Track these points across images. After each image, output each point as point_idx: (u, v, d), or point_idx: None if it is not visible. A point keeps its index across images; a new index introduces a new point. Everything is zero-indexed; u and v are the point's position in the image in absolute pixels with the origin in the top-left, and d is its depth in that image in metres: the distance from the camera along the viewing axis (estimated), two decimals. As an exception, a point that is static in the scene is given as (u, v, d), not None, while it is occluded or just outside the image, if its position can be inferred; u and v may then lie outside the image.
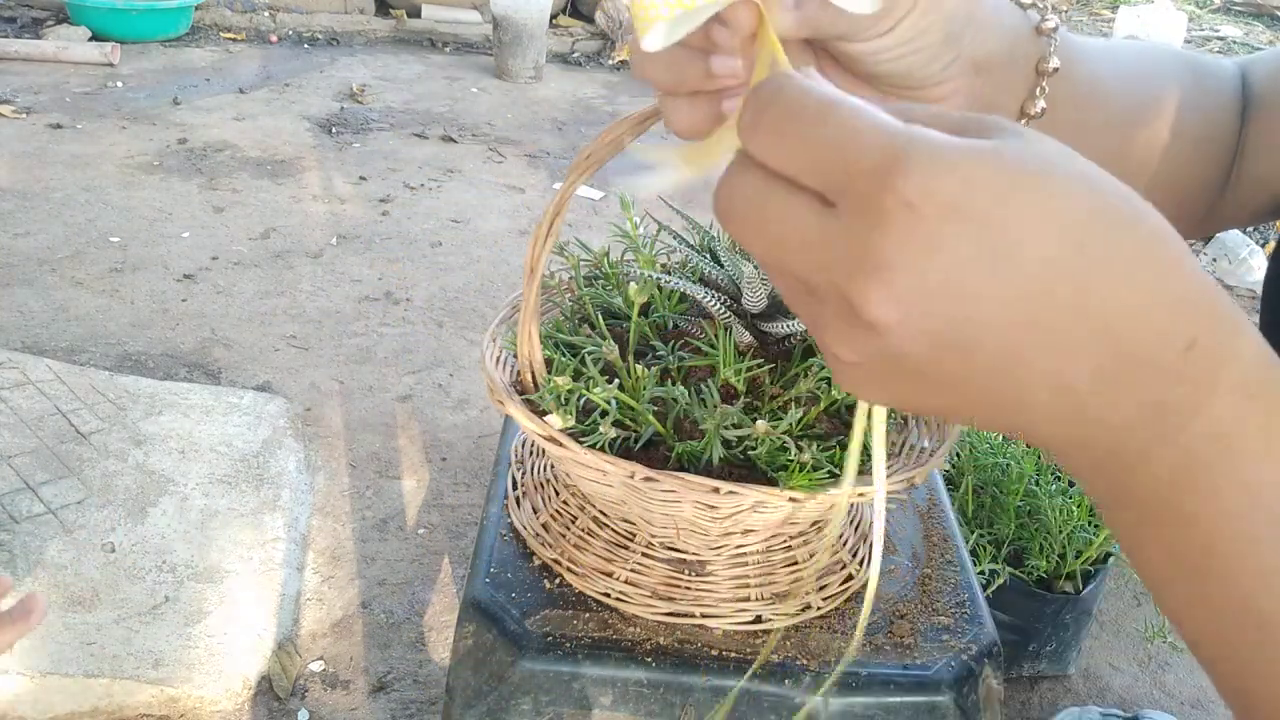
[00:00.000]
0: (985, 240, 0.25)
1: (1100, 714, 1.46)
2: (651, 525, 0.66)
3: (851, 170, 0.26)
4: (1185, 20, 5.31)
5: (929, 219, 0.25)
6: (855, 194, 0.26)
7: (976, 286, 0.26)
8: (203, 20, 4.52)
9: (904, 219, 0.25)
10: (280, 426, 1.90)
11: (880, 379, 0.28)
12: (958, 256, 0.25)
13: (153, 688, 1.35)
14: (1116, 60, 0.48)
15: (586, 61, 4.78)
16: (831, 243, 0.27)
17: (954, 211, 0.25)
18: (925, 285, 0.26)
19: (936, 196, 0.25)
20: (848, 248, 0.26)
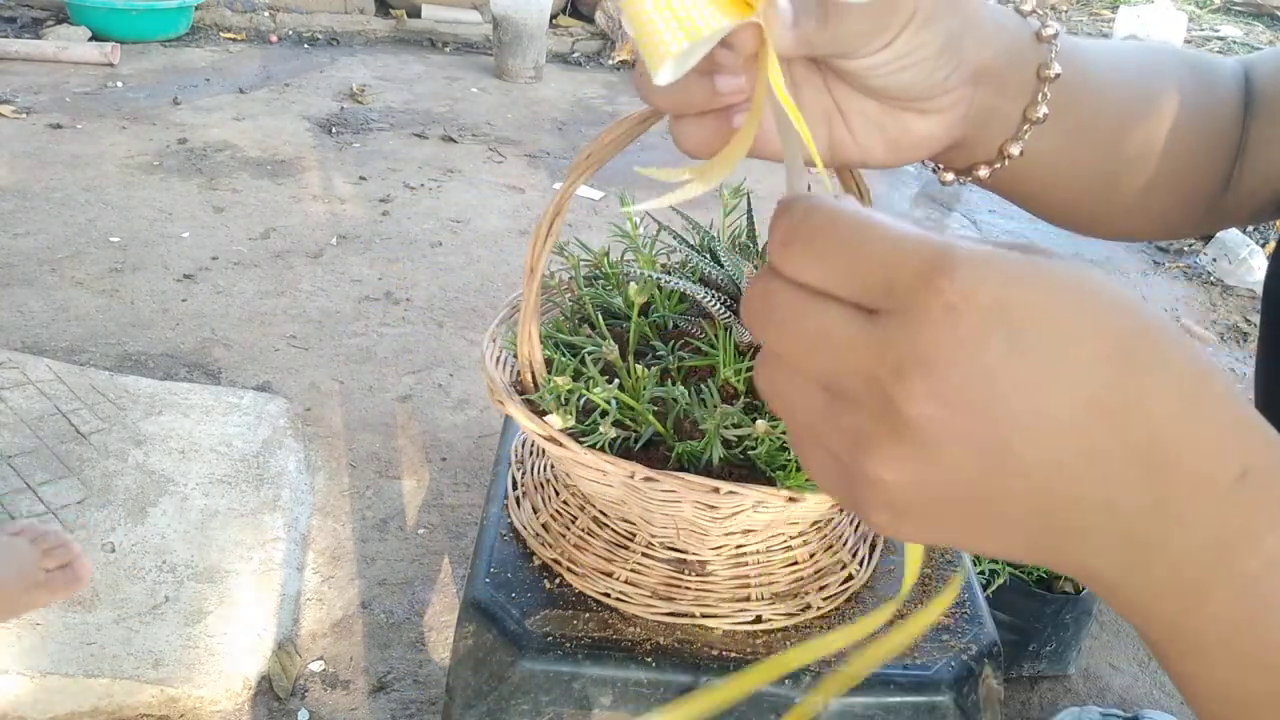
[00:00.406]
0: (1030, 346, 0.25)
1: (1100, 714, 1.46)
2: (651, 525, 0.66)
3: (893, 277, 0.26)
4: (1185, 20, 5.31)
5: (974, 321, 0.25)
6: (898, 297, 0.26)
7: (1023, 390, 0.25)
8: (203, 20, 4.52)
9: (949, 319, 0.25)
10: (280, 426, 1.90)
11: (921, 504, 0.27)
12: (1003, 359, 0.25)
13: (153, 688, 1.35)
14: (1116, 61, 0.48)
15: (586, 61, 4.78)
16: (873, 344, 0.27)
17: (1000, 314, 0.25)
18: (970, 383, 0.25)
19: (981, 299, 0.25)
20: (890, 347, 0.26)
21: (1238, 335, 2.77)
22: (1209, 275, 3.07)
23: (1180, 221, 0.52)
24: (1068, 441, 0.26)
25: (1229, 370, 2.58)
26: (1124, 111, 0.47)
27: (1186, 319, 2.82)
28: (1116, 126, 0.47)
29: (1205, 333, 2.74)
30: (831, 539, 0.71)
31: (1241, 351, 2.69)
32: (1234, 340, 2.74)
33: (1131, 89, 0.47)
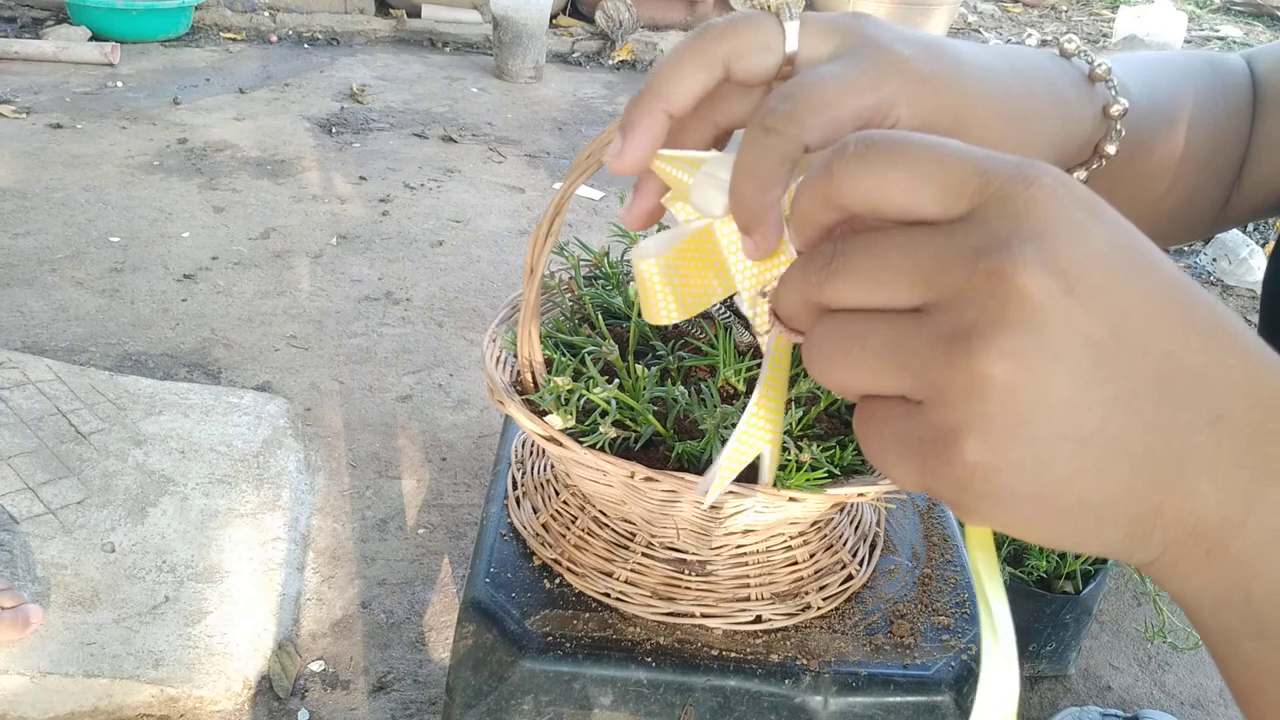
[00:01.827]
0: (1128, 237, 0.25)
1: (1100, 714, 1.46)
2: (651, 525, 0.66)
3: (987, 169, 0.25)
4: (1185, 20, 5.31)
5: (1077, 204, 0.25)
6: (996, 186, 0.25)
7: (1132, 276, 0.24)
8: (203, 20, 4.52)
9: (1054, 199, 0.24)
10: (280, 426, 1.90)
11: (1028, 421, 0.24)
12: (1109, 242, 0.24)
13: (153, 688, 1.35)
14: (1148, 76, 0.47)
15: (586, 61, 4.78)
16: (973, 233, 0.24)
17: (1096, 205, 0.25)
18: (1084, 259, 0.24)
19: (1078, 190, 0.25)
20: (996, 228, 0.24)
21: (1238, 335, 2.77)
22: (1209, 275, 3.07)
23: (1194, 225, 0.52)
24: (1177, 352, 0.24)
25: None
26: (1155, 129, 0.47)
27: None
28: (1150, 145, 0.47)
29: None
30: (831, 539, 0.71)
31: (1241, 351, 2.69)
32: (1234, 340, 2.74)
33: (1162, 105, 0.47)
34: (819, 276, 0.27)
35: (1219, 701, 1.62)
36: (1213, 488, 0.24)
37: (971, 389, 0.24)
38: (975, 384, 0.24)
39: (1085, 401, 0.24)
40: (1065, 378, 0.23)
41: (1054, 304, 0.23)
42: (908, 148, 0.26)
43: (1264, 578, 0.24)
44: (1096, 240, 0.24)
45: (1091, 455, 0.24)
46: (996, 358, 0.23)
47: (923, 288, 0.25)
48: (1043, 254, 0.23)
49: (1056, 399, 0.24)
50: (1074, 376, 0.23)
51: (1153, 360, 0.24)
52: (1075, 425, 0.24)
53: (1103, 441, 0.24)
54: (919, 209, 0.26)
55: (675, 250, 0.35)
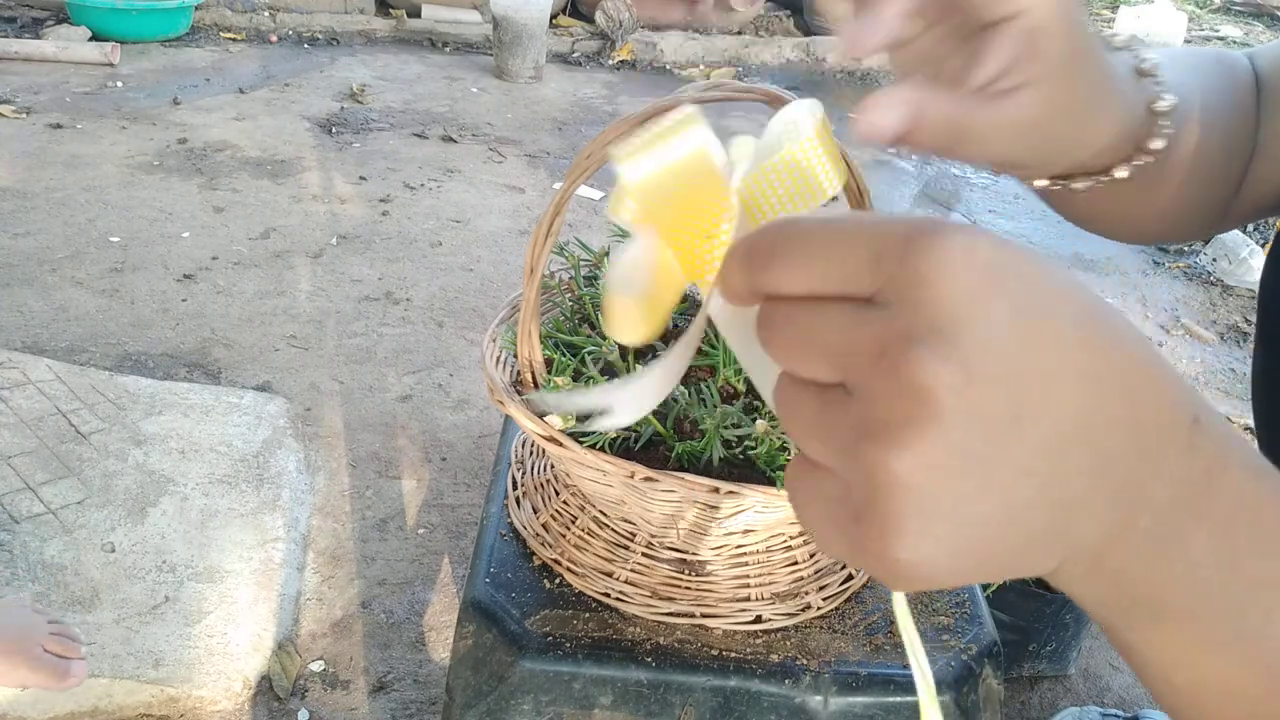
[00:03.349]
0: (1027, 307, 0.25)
1: (1100, 714, 1.46)
2: (651, 525, 0.66)
3: (879, 250, 0.26)
4: (1185, 20, 5.31)
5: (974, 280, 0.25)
6: (890, 268, 0.25)
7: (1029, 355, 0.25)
8: (203, 20, 4.52)
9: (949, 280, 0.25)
10: (280, 426, 1.90)
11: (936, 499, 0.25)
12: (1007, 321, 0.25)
13: (153, 688, 1.35)
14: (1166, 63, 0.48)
15: (586, 61, 4.78)
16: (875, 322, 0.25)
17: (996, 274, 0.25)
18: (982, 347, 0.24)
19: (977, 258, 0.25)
20: (894, 319, 0.25)
21: (1238, 335, 2.77)
22: (1209, 275, 3.07)
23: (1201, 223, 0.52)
24: (1067, 407, 0.25)
25: (1229, 370, 2.58)
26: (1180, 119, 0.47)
27: (1186, 319, 2.82)
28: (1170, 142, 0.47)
29: (1205, 333, 2.74)
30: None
31: (1241, 352, 2.69)
32: (1234, 340, 2.74)
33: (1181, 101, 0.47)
34: (764, 337, 0.29)
35: (1219, 701, 1.61)
36: (1095, 523, 0.27)
37: (882, 486, 0.25)
38: (886, 482, 0.25)
39: (991, 482, 0.25)
40: (970, 465, 0.25)
41: (954, 399, 0.24)
42: (795, 244, 0.27)
43: (1132, 586, 0.28)
44: (996, 320, 0.25)
45: (995, 528, 0.26)
46: (900, 459, 0.25)
47: (837, 371, 0.26)
48: (941, 348, 0.24)
49: (964, 488, 0.25)
50: (979, 462, 0.25)
51: (1049, 423, 0.25)
52: (981, 508, 0.25)
53: (1006, 510, 0.26)
54: (823, 292, 0.27)
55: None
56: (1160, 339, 2.71)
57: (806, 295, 0.27)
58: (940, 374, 0.24)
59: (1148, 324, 2.79)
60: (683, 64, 4.90)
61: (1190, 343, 2.71)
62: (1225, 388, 2.47)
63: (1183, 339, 2.73)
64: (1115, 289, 2.98)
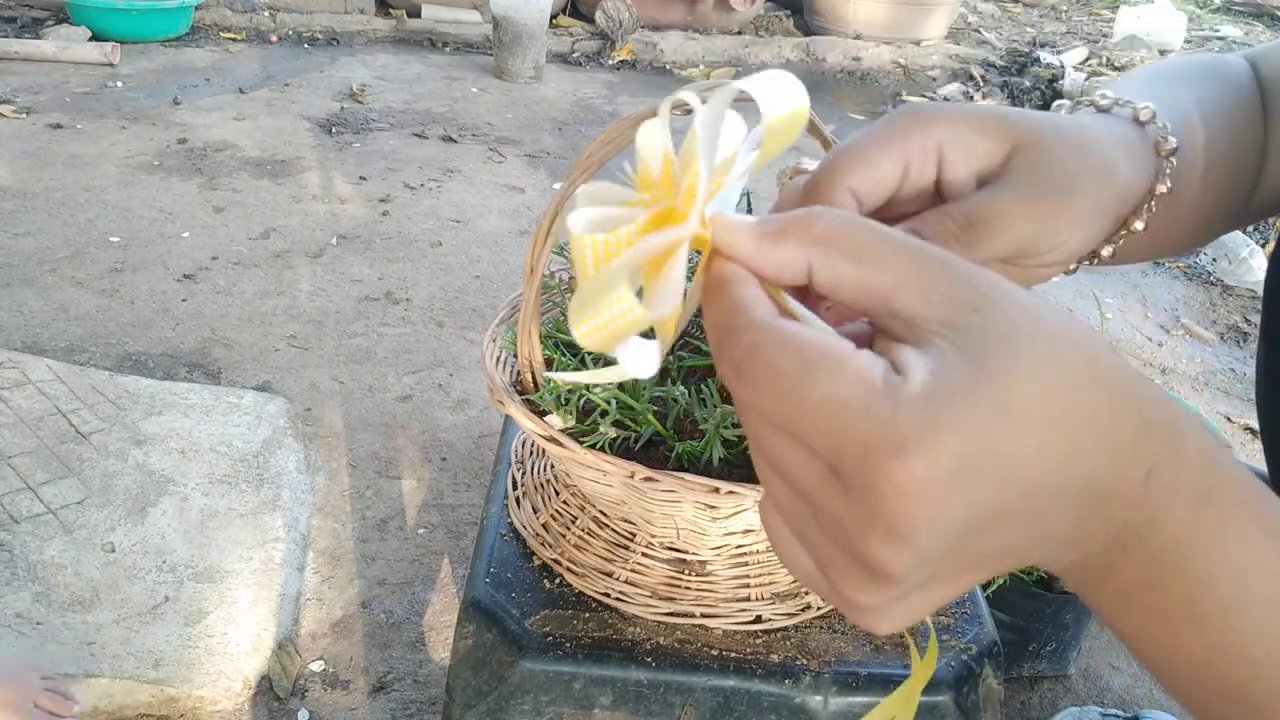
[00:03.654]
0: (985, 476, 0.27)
1: (1100, 714, 1.46)
2: (651, 525, 0.66)
3: (840, 448, 0.27)
4: (1185, 20, 5.31)
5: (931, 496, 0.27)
6: (849, 471, 0.27)
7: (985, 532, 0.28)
8: (203, 20, 4.52)
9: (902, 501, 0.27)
10: (280, 426, 1.90)
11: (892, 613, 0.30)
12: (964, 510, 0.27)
13: (153, 688, 1.35)
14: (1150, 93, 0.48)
15: (586, 61, 4.78)
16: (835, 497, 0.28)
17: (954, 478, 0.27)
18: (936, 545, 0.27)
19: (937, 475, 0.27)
20: (850, 513, 0.28)
21: (1238, 335, 2.76)
22: (1209, 275, 3.07)
23: (1218, 228, 0.52)
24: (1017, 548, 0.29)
25: (1229, 370, 2.58)
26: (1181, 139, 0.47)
27: (1186, 319, 2.82)
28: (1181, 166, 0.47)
29: (1205, 333, 2.74)
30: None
31: (1241, 352, 2.69)
32: (1234, 340, 2.74)
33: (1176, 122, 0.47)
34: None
35: (1219, 701, 1.61)
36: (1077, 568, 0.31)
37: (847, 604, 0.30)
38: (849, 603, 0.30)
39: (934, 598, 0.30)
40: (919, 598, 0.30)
41: (908, 574, 0.28)
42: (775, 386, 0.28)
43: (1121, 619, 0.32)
44: (950, 518, 0.27)
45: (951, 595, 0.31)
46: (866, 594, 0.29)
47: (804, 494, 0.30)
48: (894, 544, 0.27)
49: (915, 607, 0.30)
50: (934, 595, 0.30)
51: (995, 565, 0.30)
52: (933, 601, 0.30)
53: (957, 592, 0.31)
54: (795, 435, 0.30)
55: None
56: (1160, 339, 2.71)
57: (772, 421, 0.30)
58: (892, 561, 0.27)
59: (1148, 324, 2.79)
60: (683, 64, 4.90)
61: (1190, 343, 2.70)
62: (1225, 387, 2.47)
63: (1183, 339, 2.73)
64: (1115, 289, 2.98)
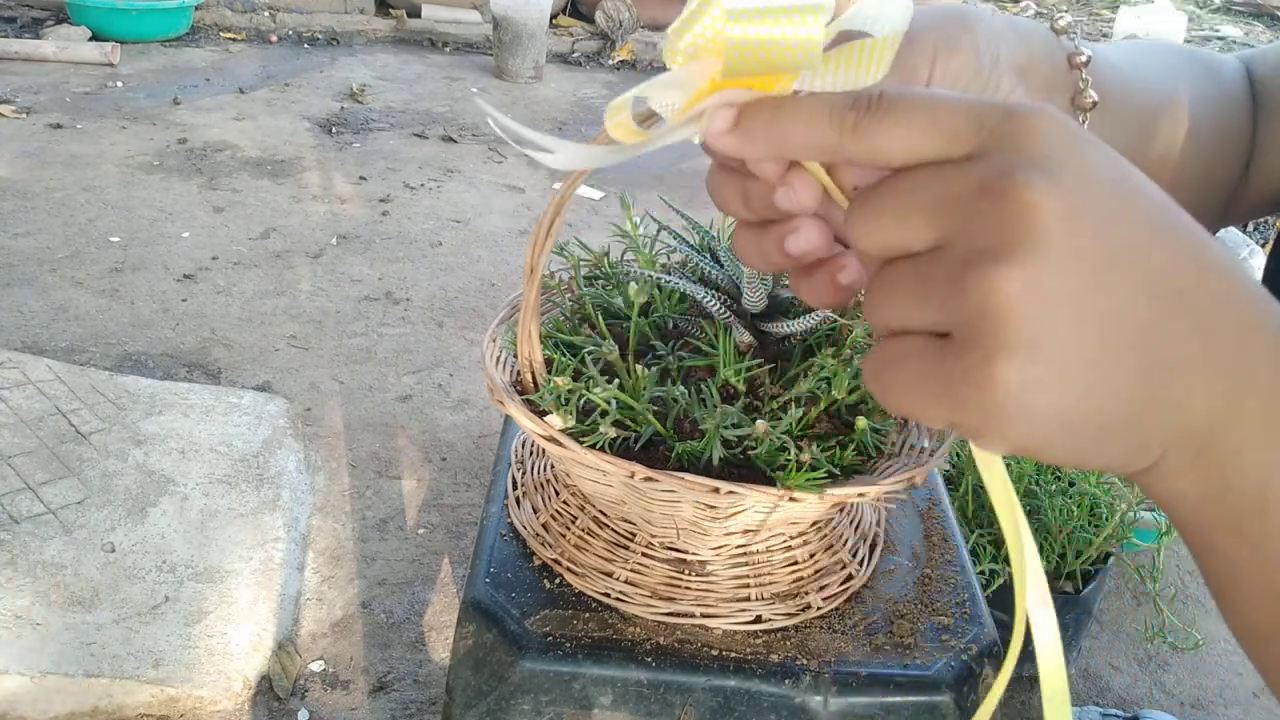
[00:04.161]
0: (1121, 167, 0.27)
1: (1100, 714, 1.46)
2: (651, 525, 0.66)
3: (981, 114, 0.27)
4: (1185, 20, 5.31)
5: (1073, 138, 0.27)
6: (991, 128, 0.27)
7: (1128, 203, 0.26)
8: (203, 20, 4.52)
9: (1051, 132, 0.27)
10: (280, 426, 1.90)
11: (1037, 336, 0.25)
12: (1106, 173, 0.27)
13: (153, 688, 1.35)
14: (1136, 59, 0.48)
15: (586, 61, 4.78)
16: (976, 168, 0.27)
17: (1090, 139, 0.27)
18: (1084, 185, 0.26)
19: (1073, 127, 0.27)
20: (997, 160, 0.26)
21: (1238, 335, 2.77)
22: (1209, 275, 3.07)
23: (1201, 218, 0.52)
24: (1166, 268, 0.26)
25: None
26: (1149, 107, 0.47)
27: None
28: (1144, 121, 0.47)
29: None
30: (831, 539, 0.71)
31: (1241, 351, 2.69)
32: (1234, 340, 2.74)
33: (1153, 86, 0.47)
34: (851, 219, 0.29)
35: (1219, 701, 1.62)
36: (1203, 395, 0.27)
37: (988, 312, 0.25)
38: (992, 307, 0.25)
39: (1091, 315, 0.26)
40: (1072, 292, 0.25)
41: (1057, 223, 0.25)
42: (902, 107, 0.28)
43: (1241, 478, 0.28)
44: (1094, 167, 0.26)
45: (1099, 369, 0.26)
46: (1007, 278, 0.25)
47: (937, 222, 0.27)
48: (1044, 179, 0.25)
49: (1067, 314, 0.25)
50: (1080, 291, 0.25)
51: (1146, 275, 0.26)
52: (1085, 339, 0.26)
53: (1108, 353, 0.26)
54: (923, 155, 0.28)
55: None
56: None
57: (902, 163, 0.28)
58: (1045, 196, 0.25)
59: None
60: (683, 64, 4.90)
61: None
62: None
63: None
64: (1115, 289, 2.98)
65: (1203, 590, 1.84)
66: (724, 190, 0.36)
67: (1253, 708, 1.61)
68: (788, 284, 0.66)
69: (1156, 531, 1.43)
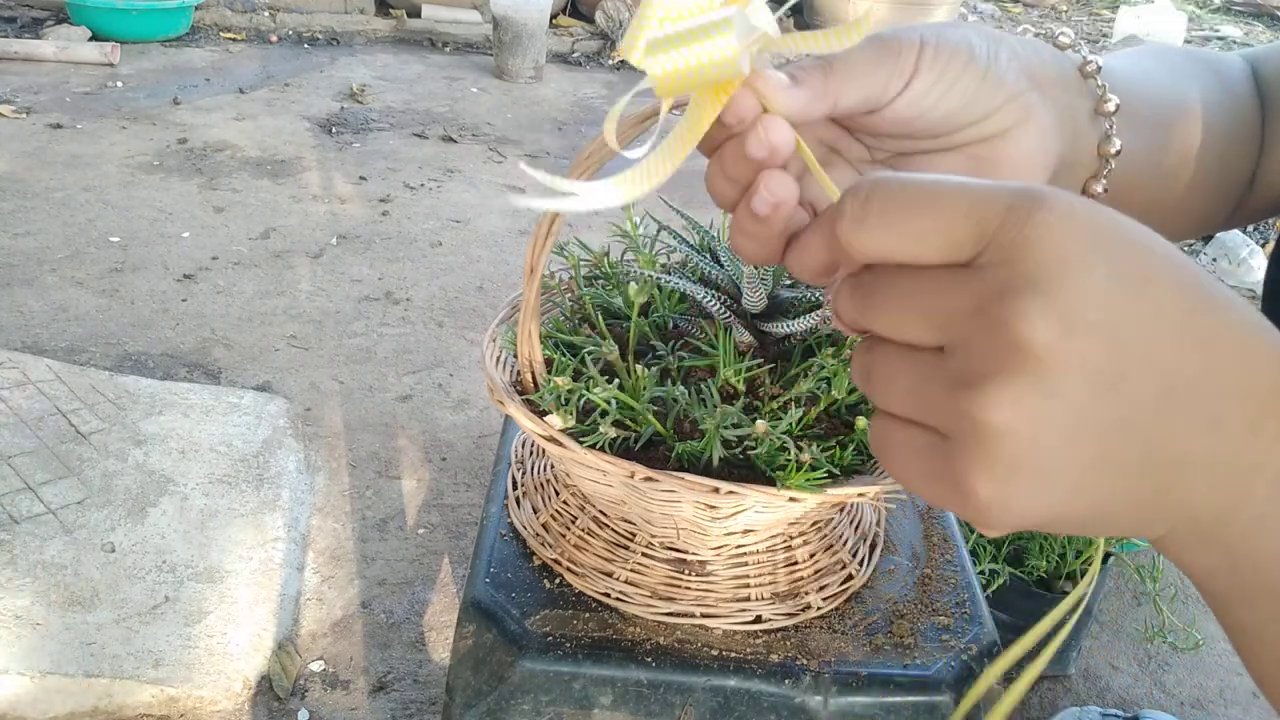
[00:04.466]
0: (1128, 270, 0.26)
1: (1100, 714, 1.46)
2: (651, 525, 0.66)
3: (982, 218, 0.26)
4: (1185, 20, 5.31)
5: (1076, 243, 0.25)
6: (992, 235, 0.26)
7: (1131, 313, 0.25)
8: (203, 20, 4.52)
9: (1050, 242, 0.25)
10: (280, 426, 1.90)
11: (1032, 452, 0.26)
12: (1109, 281, 0.25)
13: (153, 688, 1.35)
14: (1141, 65, 0.48)
15: (586, 61, 4.78)
16: (975, 283, 0.26)
17: (1096, 237, 0.26)
18: (1083, 303, 0.25)
19: (1077, 221, 0.26)
20: (995, 279, 0.26)
21: (1238, 335, 2.76)
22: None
23: (1214, 219, 0.52)
24: (1173, 367, 0.25)
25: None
26: (1162, 112, 0.47)
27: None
28: (1159, 126, 0.47)
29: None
30: (831, 539, 0.71)
31: (1241, 351, 2.69)
32: (1234, 340, 2.74)
33: (1164, 91, 0.47)
34: (858, 305, 0.30)
35: (1219, 701, 1.62)
36: (1208, 488, 0.27)
37: (977, 433, 0.26)
38: (980, 429, 0.26)
39: (1087, 431, 0.26)
40: (1066, 413, 0.25)
41: (1052, 349, 0.25)
42: (898, 203, 0.28)
43: (1252, 557, 0.28)
44: (1094, 274, 0.25)
45: (1094, 475, 0.26)
46: (997, 406, 0.25)
47: (936, 333, 0.27)
48: (1039, 301, 0.25)
49: (1058, 434, 0.25)
50: (1075, 410, 0.25)
51: (1151, 379, 0.25)
52: (1078, 454, 0.26)
53: (1104, 463, 0.26)
54: (924, 261, 0.28)
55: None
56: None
57: (904, 261, 0.28)
58: (1036, 325, 0.25)
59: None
60: (683, 64, 4.90)
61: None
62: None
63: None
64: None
65: (1203, 590, 1.84)
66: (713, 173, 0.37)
67: (1253, 708, 1.61)
68: (788, 284, 0.66)
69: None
